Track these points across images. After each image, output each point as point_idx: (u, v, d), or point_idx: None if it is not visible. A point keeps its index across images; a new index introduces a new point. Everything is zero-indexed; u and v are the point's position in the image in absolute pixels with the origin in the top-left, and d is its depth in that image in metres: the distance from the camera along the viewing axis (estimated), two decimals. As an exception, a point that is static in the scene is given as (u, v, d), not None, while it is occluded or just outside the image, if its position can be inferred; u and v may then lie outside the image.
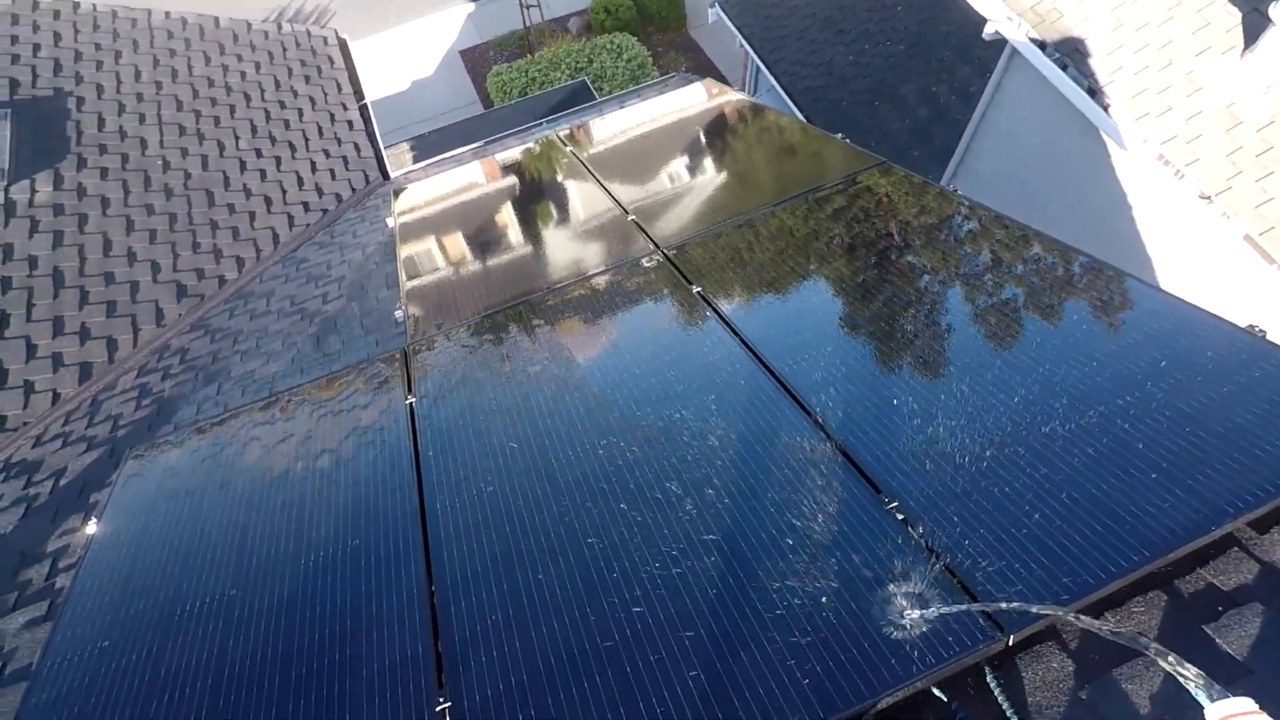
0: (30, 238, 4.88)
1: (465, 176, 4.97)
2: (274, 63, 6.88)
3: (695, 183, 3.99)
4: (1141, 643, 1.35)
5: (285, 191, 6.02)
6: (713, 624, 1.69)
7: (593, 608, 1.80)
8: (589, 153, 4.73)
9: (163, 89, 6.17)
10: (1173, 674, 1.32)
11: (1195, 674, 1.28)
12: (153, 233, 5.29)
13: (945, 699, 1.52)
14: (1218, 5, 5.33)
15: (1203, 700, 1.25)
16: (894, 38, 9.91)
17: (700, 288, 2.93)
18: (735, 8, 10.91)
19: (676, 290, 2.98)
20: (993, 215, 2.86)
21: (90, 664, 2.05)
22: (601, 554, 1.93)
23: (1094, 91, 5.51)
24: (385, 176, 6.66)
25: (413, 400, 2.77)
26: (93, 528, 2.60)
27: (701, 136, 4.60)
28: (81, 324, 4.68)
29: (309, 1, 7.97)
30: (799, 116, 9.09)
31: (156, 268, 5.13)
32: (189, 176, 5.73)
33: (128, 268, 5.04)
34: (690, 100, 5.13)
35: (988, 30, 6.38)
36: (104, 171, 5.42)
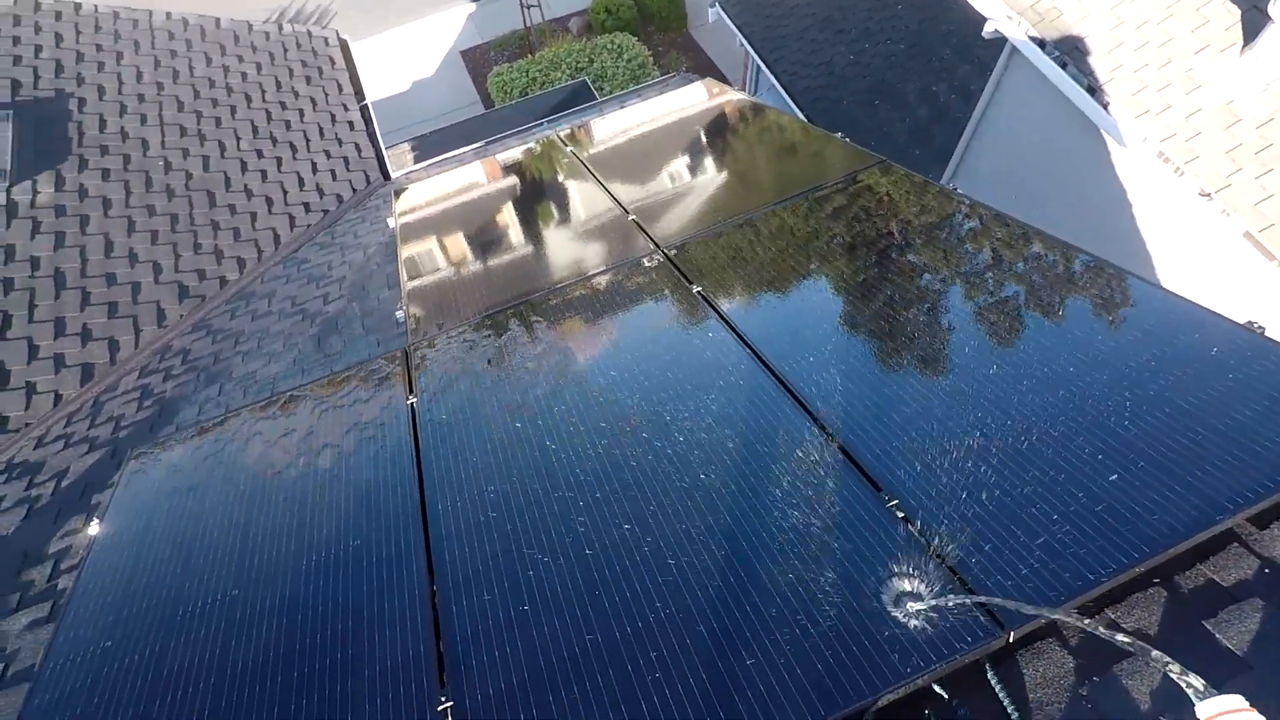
0: (32, 239, 4.89)
1: (466, 177, 4.98)
2: (275, 64, 6.89)
3: (696, 182, 3.99)
4: (1125, 642, 1.35)
5: (286, 192, 6.03)
6: (714, 622, 1.69)
7: (594, 606, 1.81)
8: (589, 153, 4.74)
9: (164, 90, 6.18)
10: (1163, 670, 1.32)
11: (1181, 670, 1.28)
12: (154, 234, 5.29)
13: (946, 696, 1.53)
14: (1217, 3, 5.33)
15: (1192, 697, 1.25)
16: (894, 37, 9.91)
17: (701, 287, 2.93)
18: (736, 7, 10.92)
19: (677, 290, 2.98)
20: (993, 214, 2.86)
21: (93, 664, 2.06)
22: (602, 553, 1.93)
23: (1093, 89, 5.51)
24: (386, 177, 6.66)
25: (414, 400, 2.77)
26: (95, 528, 2.60)
27: (702, 136, 4.60)
28: (83, 325, 4.69)
29: (310, 2, 7.98)
30: (799, 116, 9.08)
31: (158, 269, 5.14)
32: (190, 177, 5.74)
33: (129, 269, 5.05)
34: (691, 100, 5.13)
35: (987, 29, 6.38)
36: (105, 173, 5.43)
